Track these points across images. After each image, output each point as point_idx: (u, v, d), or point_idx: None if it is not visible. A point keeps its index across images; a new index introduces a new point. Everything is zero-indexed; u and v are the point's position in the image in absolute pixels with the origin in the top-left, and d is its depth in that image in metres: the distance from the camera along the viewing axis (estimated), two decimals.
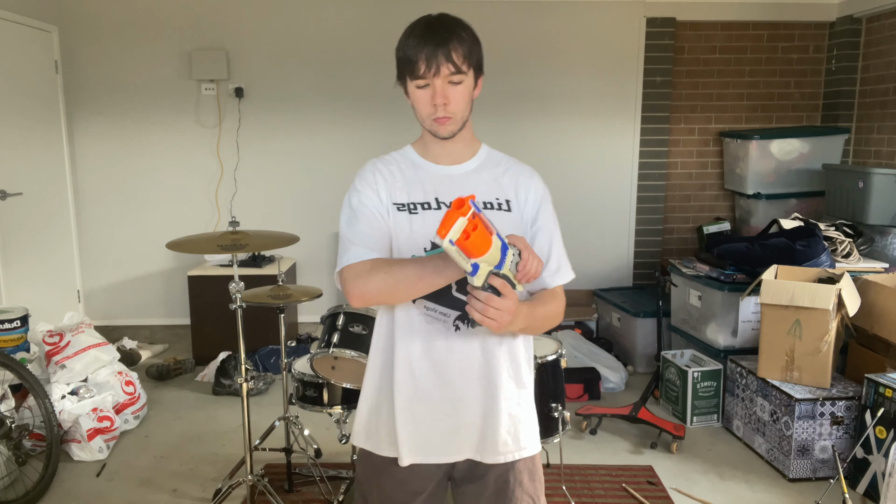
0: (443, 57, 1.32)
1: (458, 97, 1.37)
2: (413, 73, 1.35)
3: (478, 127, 1.54)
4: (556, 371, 2.55)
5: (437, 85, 1.35)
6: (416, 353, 1.42)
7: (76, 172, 4.75)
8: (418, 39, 1.34)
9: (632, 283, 5.03)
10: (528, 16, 4.71)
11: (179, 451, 3.26)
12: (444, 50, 1.32)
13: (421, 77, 1.35)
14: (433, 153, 1.48)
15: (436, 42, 1.32)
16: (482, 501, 1.50)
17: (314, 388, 2.60)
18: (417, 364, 1.43)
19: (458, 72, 1.35)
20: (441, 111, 1.37)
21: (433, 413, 1.44)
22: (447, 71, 1.34)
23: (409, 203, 1.42)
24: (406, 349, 1.43)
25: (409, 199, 1.43)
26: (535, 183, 1.51)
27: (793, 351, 3.08)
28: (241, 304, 2.52)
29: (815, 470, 2.97)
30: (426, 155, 1.48)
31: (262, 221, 4.73)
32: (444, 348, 1.42)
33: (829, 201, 4.26)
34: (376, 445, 1.51)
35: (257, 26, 4.67)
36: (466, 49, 1.36)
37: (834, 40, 4.82)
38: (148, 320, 4.92)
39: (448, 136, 1.42)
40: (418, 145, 1.50)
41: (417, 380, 1.43)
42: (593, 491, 2.88)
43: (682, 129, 4.96)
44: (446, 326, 1.41)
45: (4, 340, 3.27)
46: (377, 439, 1.51)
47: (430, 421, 1.45)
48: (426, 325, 1.41)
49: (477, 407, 1.44)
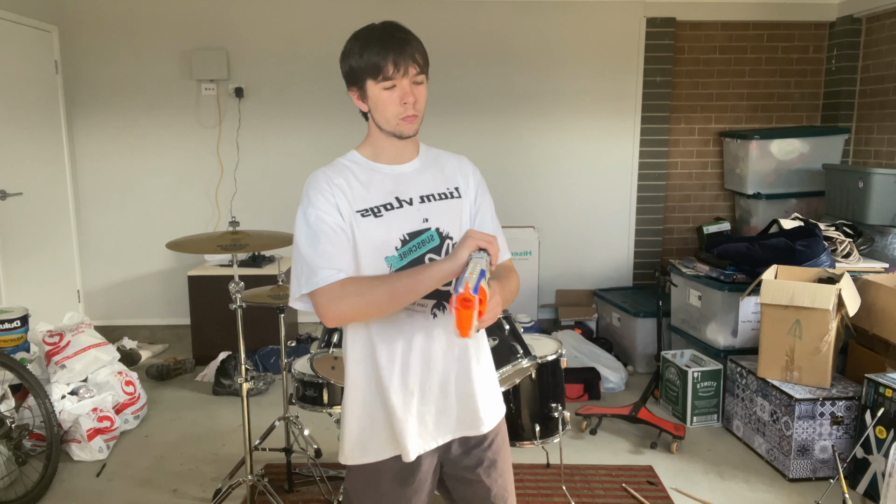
0: (409, 58, 1.41)
1: (421, 96, 1.46)
2: (379, 76, 1.41)
3: (478, 127, 1.59)
4: (556, 371, 2.55)
5: (404, 85, 1.42)
6: (401, 348, 1.48)
7: (76, 172, 4.75)
8: (381, 45, 1.41)
9: (632, 283, 5.04)
10: (528, 16, 4.71)
11: (179, 451, 3.26)
12: (409, 51, 1.41)
13: (389, 79, 1.41)
14: (386, 155, 1.52)
15: (400, 46, 1.41)
16: (485, 465, 1.58)
17: (314, 388, 2.60)
18: (403, 358, 1.48)
19: (421, 71, 1.44)
20: (410, 109, 1.44)
21: (426, 400, 1.51)
22: (413, 71, 1.42)
23: (373, 207, 1.46)
24: (390, 348, 1.48)
25: (372, 204, 1.46)
26: (471, 167, 1.62)
27: (793, 351, 3.08)
28: (241, 304, 2.52)
29: (815, 470, 2.97)
30: (378, 158, 1.52)
31: (262, 221, 4.73)
32: (425, 337, 1.49)
33: (829, 201, 4.26)
34: (377, 453, 1.52)
35: (257, 26, 4.67)
36: (422, 51, 1.45)
37: (834, 40, 4.82)
38: (148, 320, 4.92)
39: (413, 133, 1.49)
40: (366, 149, 1.54)
41: (408, 373, 1.49)
42: (593, 491, 2.88)
43: (682, 129, 4.96)
44: (425, 316, 1.49)
45: (4, 340, 3.27)
46: (376, 447, 1.52)
47: (425, 408, 1.51)
48: (407, 318, 1.47)
49: (460, 385, 1.53)
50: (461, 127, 4.75)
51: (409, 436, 1.49)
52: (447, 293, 1.48)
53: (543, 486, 2.90)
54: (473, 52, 4.68)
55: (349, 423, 1.53)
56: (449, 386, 1.53)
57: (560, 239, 4.96)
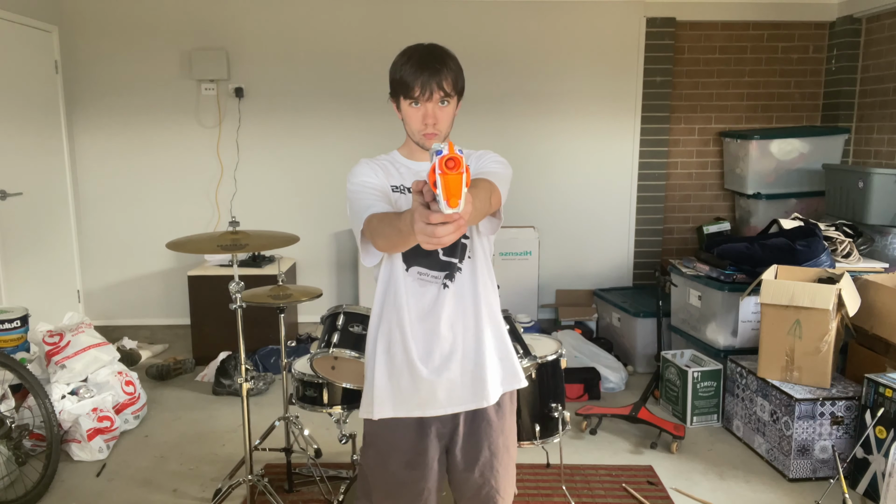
0: (435, 84, 1.54)
1: (444, 117, 1.60)
2: (407, 95, 1.56)
3: (478, 127, 1.61)
4: (556, 371, 2.55)
5: (428, 107, 1.57)
6: (415, 315, 1.60)
7: (76, 172, 4.75)
8: (415, 67, 1.54)
9: (632, 283, 5.04)
10: (528, 16, 4.71)
11: (179, 451, 3.26)
12: (437, 79, 1.54)
13: (415, 99, 1.56)
14: (419, 155, 1.69)
15: (430, 71, 1.54)
16: (494, 428, 1.68)
17: (314, 388, 2.60)
18: (412, 329, 1.60)
19: (446, 96, 1.57)
20: (430, 129, 1.59)
21: (434, 369, 1.61)
22: (438, 96, 1.56)
23: (401, 185, 1.65)
24: (398, 316, 1.60)
25: (401, 183, 1.66)
26: (479, 153, 1.73)
27: (793, 351, 3.08)
28: (241, 304, 2.52)
29: (815, 470, 2.97)
30: (412, 157, 1.70)
31: (262, 221, 4.73)
32: (434, 303, 1.61)
33: (829, 201, 4.26)
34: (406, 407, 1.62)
35: (257, 26, 4.67)
36: (454, 77, 1.58)
37: (834, 40, 4.82)
38: (148, 320, 4.92)
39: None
40: (404, 150, 1.72)
41: (416, 342, 1.60)
42: (593, 491, 2.88)
43: (682, 129, 4.96)
44: (437, 286, 1.61)
45: (4, 340, 3.27)
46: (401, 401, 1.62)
47: (433, 378, 1.60)
48: (419, 288, 1.61)
49: (468, 356, 1.63)
50: (461, 127, 4.71)
51: (433, 393, 1.60)
52: (455, 265, 1.61)
53: (543, 486, 2.90)
54: (473, 53, 4.68)
55: (378, 372, 1.64)
56: (457, 355, 1.61)
57: (560, 239, 4.96)
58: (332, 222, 4.87)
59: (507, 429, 1.72)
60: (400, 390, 1.62)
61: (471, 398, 1.63)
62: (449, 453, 1.69)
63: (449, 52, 1.60)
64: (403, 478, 1.65)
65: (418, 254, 1.58)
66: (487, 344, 1.64)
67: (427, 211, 1.13)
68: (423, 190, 1.14)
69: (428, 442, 1.65)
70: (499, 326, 1.69)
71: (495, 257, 4.58)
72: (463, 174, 1.10)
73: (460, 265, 1.61)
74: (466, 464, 1.68)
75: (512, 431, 1.75)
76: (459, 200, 1.11)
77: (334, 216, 4.85)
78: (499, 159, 1.69)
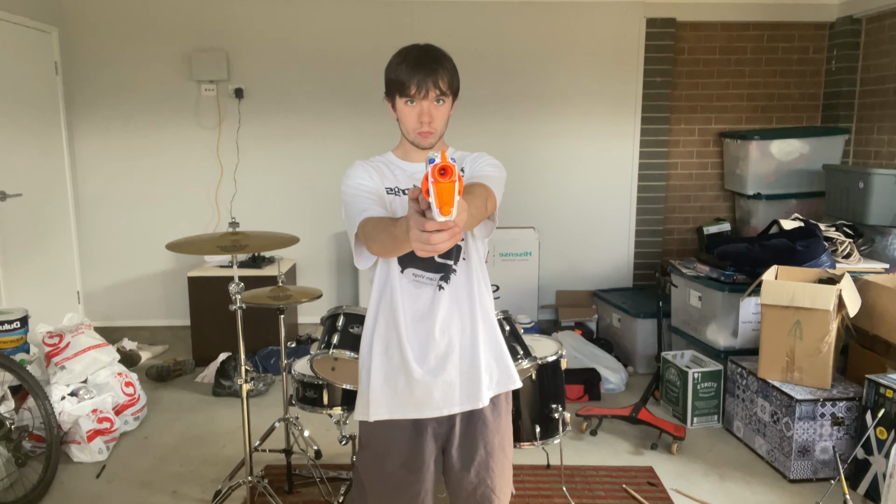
0: (431, 83, 1.56)
1: (440, 116, 1.62)
2: (403, 93, 1.58)
3: (479, 127, 1.62)
4: (556, 372, 2.55)
5: (423, 105, 1.59)
6: (405, 320, 1.60)
7: (76, 173, 4.75)
8: (411, 66, 1.56)
9: (632, 283, 5.03)
10: (528, 16, 4.71)
11: (179, 452, 3.26)
12: (433, 77, 1.56)
13: (411, 97, 1.58)
14: (413, 156, 1.70)
15: (426, 70, 1.56)
16: (489, 428, 1.68)
17: (314, 390, 2.60)
18: (407, 330, 1.60)
19: (442, 95, 1.59)
20: (426, 127, 1.61)
21: (429, 371, 1.61)
22: (433, 95, 1.58)
23: (396, 187, 1.66)
24: (393, 318, 1.61)
25: (395, 184, 1.67)
26: (474, 156, 1.73)
27: (793, 352, 3.07)
28: (241, 305, 2.52)
29: (816, 471, 2.97)
30: (406, 157, 1.71)
31: (261, 222, 4.73)
32: (431, 308, 1.61)
33: (829, 202, 4.26)
34: (401, 409, 1.63)
35: (257, 27, 4.67)
36: (449, 77, 1.60)
37: (834, 41, 4.82)
38: (148, 321, 4.92)
39: (428, 146, 1.66)
40: (399, 151, 1.73)
41: (412, 344, 1.61)
42: (594, 492, 2.88)
43: (682, 129, 4.95)
44: (433, 288, 1.62)
45: (4, 341, 3.27)
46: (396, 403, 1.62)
47: (429, 379, 1.60)
48: (415, 290, 1.62)
49: (465, 357, 1.63)
50: (461, 127, 4.71)
51: (430, 393, 1.60)
52: (450, 267, 1.61)
53: (544, 486, 2.90)
54: (473, 54, 4.68)
55: (375, 374, 1.64)
56: (452, 357, 1.61)
57: (560, 239, 4.96)
58: (332, 223, 4.87)
59: (503, 429, 1.73)
60: (395, 392, 1.62)
61: (466, 399, 1.64)
62: (445, 453, 1.69)
63: (444, 53, 1.62)
64: (400, 479, 1.65)
65: (413, 256, 1.58)
66: (482, 345, 1.65)
67: (422, 219, 1.15)
68: (419, 198, 1.16)
69: (424, 443, 1.65)
70: (493, 327, 1.70)
71: (495, 258, 4.59)
72: (455, 182, 1.10)
73: (455, 267, 1.63)
74: (462, 464, 1.68)
75: (508, 431, 1.75)
76: (452, 208, 1.11)
77: (334, 217, 4.85)
78: (493, 162, 1.69)
